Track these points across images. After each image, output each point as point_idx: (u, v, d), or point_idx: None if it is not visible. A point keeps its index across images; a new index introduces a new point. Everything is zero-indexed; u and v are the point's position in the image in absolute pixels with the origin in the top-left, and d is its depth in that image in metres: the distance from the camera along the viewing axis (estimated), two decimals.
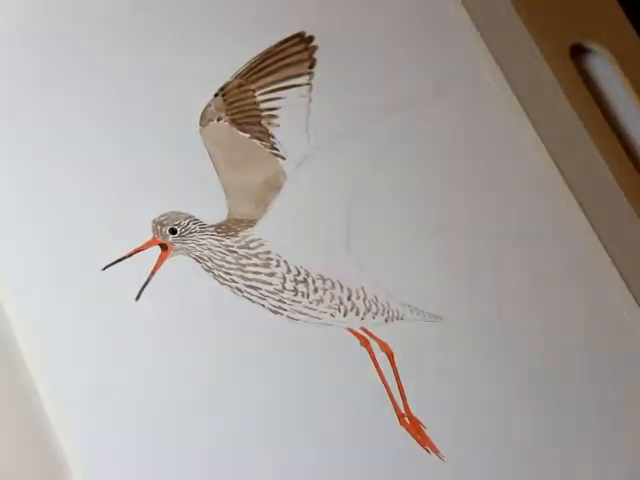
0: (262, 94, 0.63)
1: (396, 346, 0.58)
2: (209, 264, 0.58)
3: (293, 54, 0.64)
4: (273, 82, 0.64)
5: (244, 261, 0.59)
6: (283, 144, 0.62)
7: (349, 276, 0.59)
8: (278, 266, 0.59)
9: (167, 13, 0.64)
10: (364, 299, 0.59)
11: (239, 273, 0.58)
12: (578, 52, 0.70)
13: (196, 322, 0.57)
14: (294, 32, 0.65)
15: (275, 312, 0.58)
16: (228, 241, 0.59)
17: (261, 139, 0.62)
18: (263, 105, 0.63)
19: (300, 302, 0.59)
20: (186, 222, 0.59)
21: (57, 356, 0.55)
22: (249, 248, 0.59)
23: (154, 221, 0.59)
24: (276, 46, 0.64)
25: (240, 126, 0.62)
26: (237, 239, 0.59)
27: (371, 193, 0.61)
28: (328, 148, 0.61)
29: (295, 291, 0.59)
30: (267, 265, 0.59)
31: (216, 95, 0.63)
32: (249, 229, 0.60)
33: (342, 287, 0.59)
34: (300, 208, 0.57)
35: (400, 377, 0.58)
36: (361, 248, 0.60)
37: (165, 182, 0.60)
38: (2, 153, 0.59)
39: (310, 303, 0.59)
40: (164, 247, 0.58)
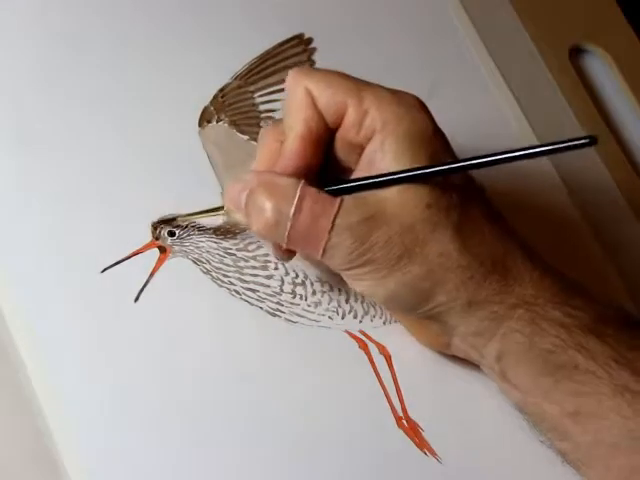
0: (261, 95, 0.64)
1: (394, 349, 0.59)
2: (207, 266, 0.58)
3: (292, 56, 0.64)
4: (272, 84, 0.64)
5: (242, 263, 0.59)
6: None
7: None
8: (276, 268, 0.59)
9: (167, 15, 0.64)
10: (362, 302, 0.59)
11: (237, 275, 0.58)
12: (577, 53, 0.70)
13: (194, 324, 0.57)
14: (293, 34, 0.65)
15: (273, 314, 0.58)
16: (226, 243, 0.59)
17: None
18: (262, 107, 0.63)
19: (298, 304, 0.59)
20: (185, 225, 0.59)
21: (56, 357, 0.55)
22: (247, 250, 0.59)
23: (153, 223, 0.59)
24: (275, 48, 0.64)
25: (239, 127, 0.63)
26: (235, 241, 0.59)
27: None
28: None
29: (293, 293, 0.59)
30: (265, 267, 0.59)
31: (215, 96, 0.63)
32: (247, 231, 0.60)
33: (340, 290, 0.59)
34: None
35: (398, 380, 0.58)
36: None
37: (164, 184, 0.60)
38: (3, 154, 0.59)
39: (308, 306, 0.59)
40: (163, 249, 0.58)
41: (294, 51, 0.65)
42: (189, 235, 0.59)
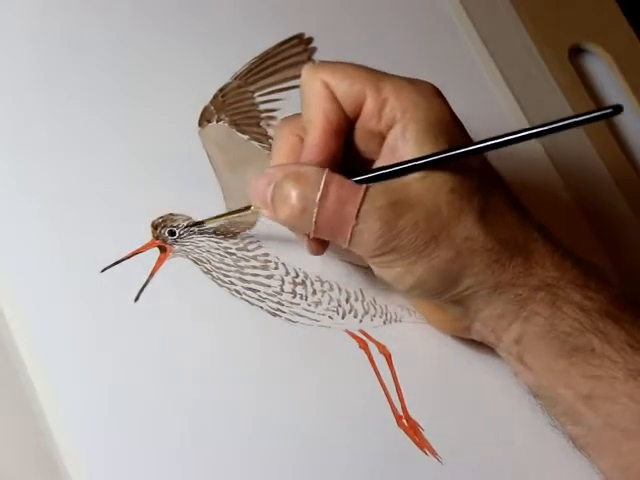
0: (261, 95, 0.64)
1: (394, 348, 0.59)
2: (208, 266, 0.58)
3: (292, 55, 0.64)
4: (272, 83, 0.64)
5: (243, 263, 0.59)
6: None
7: (348, 278, 0.60)
8: (276, 268, 0.59)
9: (167, 15, 0.64)
10: (362, 301, 0.59)
11: (238, 275, 0.58)
12: (577, 53, 0.70)
13: (195, 323, 0.57)
14: (293, 34, 0.65)
15: (274, 314, 0.58)
16: (227, 243, 0.59)
17: (260, 140, 0.62)
18: (262, 106, 0.63)
19: (298, 304, 0.59)
20: (185, 224, 0.59)
21: (56, 357, 0.55)
22: (247, 250, 0.59)
23: (153, 223, 0.59)
24: (275, 47, 0.64)
25: (239, 127, 0.63)
26: (235, 241, 0.59)
27: None
28: None
29: (293, 293, 0.59)
30: (265, 267, 0.59)
31: (215, 96, 0.63)
32: (247, 231, 0.60)
33: (340, 289, 0.59)
34: None
35: (398, 379, 0.58)
36: None
37: (164, 183, 0.60)
38: (3, 154, 0.59)
39: (308, 305, 0.59)
40: (163, 249, 0.58)
41: (294, 51, 0.65)
42: (189, 235, 0.59)
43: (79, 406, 0.55)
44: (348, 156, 0.54)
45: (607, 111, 0.48)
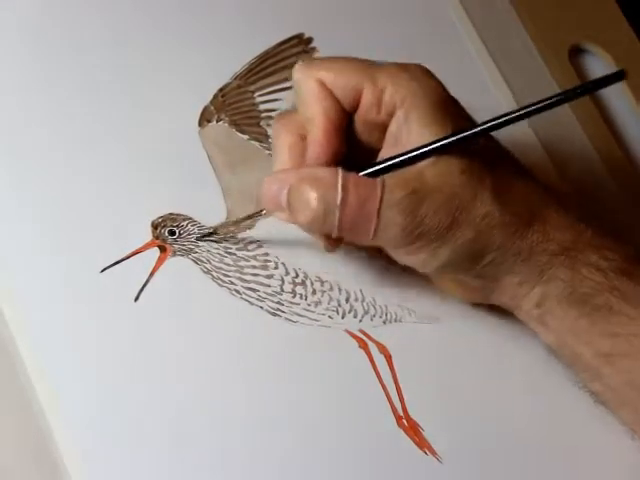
0: (261, 95, 0.64)
1: (394, 348, 0.59)
2: (208, 266, 0.58)
3: (292, 55, 0.64)
4: (272, 83, 0.64)
5: (242, 263, 0.59)
6: None
7: (347, 278, 0.60)
8: (276, 268, 0.59)
9: (167, 15, 0.64)
10: (362, 301, 0.59)
11: (238, 275, 0.58)
12: (577, 53, 0.70)
13: (195, 323, 0.57)
14: (293, 34, 0.65)
15: (274, 314, 0.58)
16: (226, 243, 0.59)
17: (260, 140, 0.62)
18: (262, 106, 0.63)
19: (298, 304, 0.59)
20: (185, 224, 0.59)
21: (56, 357, 0.55)
22: (247, 250, 0.59)
23: (153, 223, 0.59)
24: (275, 47, 0.64)
25: (239, 127, 0.63)
26: (235, 241, 0.59)
27: None
28: None
29: (293, 293, 0.59)
30: (265, 267, 0.59)
31: (215, 96, 0.63)
32: (247, 231, 0.60)
33: (340, 289, 0.59)
34: None
35: (398, 379, 0.58)
36: None
37: (164, 184, 0.60)
38: (3, 155, 0.59)
39: (308, 305, 0.59)
40: (163, 249, 0.58)
41: (294, 51, 0.65)
42: (189, 234, 0.59)
43: (79, 406, 0.55)
44: (350, 149, 0.55)
45: (610, 78, 0.50)
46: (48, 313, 0.56)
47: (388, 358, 0.58)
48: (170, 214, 0.59)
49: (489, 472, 0.57)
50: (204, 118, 0.62)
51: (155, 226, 0.59)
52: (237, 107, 0.63)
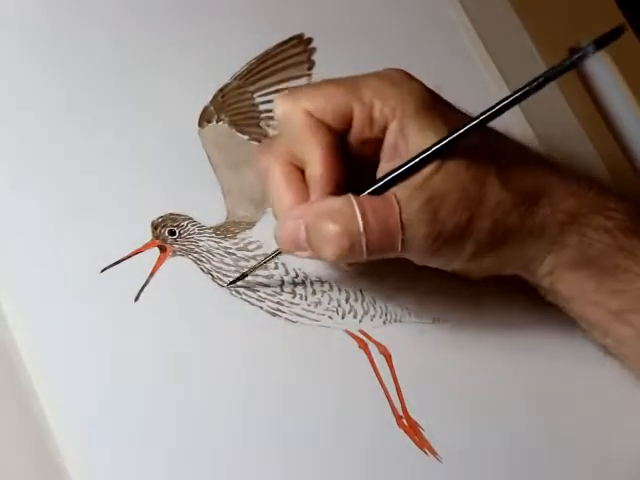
0: (261, 96, 0.64)
1: (394, 348, 0.59)
2: (208, 266, 0.58)
3: (292, 56, 0.64)
4: (272, 84, 0.64)
5: (243, 263, 0.59)
6: None
7: (347, 278, 0.60)
8: (276, 268, 0.59)
9: (167, 15, 0.64)
10: (362, 301, 0.59)
11: (238, 275, 0.58)
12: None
13: (195, 323, 0.57)
14: (293, 34, 0.65)
15: (273, 314, 0.58)
16: (227, 243, 0.59)
17: (259, 141, 0.62)
18: (262, 107, 0.63)
19: (298, 304, 0.59)
20: (185, 224, 0.59)
21: (56, 357, 0.55)
22: (247, 250, 0.59)
23: (153, 223, 0.59)
24: (275, 48, 0.64)
25: (239, 127, 0.63)
26: (235, 241, 0.59)
27: None
28: None
29: (293, 293, 0.59)
30: (265, 267, 0.59)
31: (215, 96, 0.63)
32: (247, 231, 0.60)
33: (340, 289, 0.59)
34: None
35: (398, 379, 0.58)
36: None
37: (164, 184, 0.60)
38: (3, 154, 0.59)
39: (308, 305, 0.59)
40: (163, 249, 0.58)
41: (294, 51, 0.65)
42: (189, 234, 0.59)
43: (79, 406, 0.55)
44: (348, 168, 0.55)
45: (605, 39, 0.50)
46: (48, 313, 0.56)
47: (388, 358, 0.58)
48: (170, 214, 0.59)
49: (489, 472, 0.57)
50: (204, 118, 0.62)
51: (155, 226, 0.59)
52: (237, 107, 0.63)
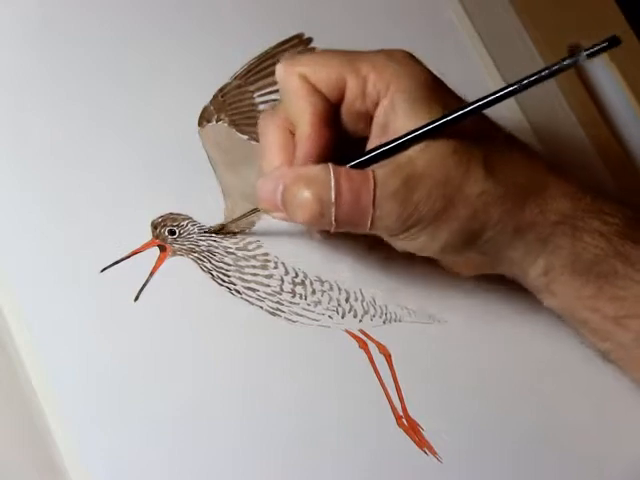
0: (261, 95, 0.64)
1: (394, 348, 0.59)
2: (208, 265, 0.58)
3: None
4: (272, 83, 0.64)
5: (242, 262, 0.59)
6: None
7: (347, 278, 0.60)
8: (276, 268, 0.59)
9: (167, 15, 0.64)
10: (362, 301, 0.59)
11: (237, 274, 0.58)
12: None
13: (195, 323, 0.57)
14: (293, 34, 0.65)
15: (273, 314, 0.58)
16: (226, 242, 0.59)
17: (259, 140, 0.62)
18: (262, 106, 0.63)
19: (298, 304, 0.59)
20: (185, 223, 0.59)
21: (56, 357, 0.55)
22: (247, 250, 0.59)
23: (153, 223, 0.59)
24: (275, 47, 0.64)
25: (239, 127, 0.63)
26: (235, 240, 0.59)
27: None
28: None
29: (293, 293, 0.59)
30: (265, 267, 0.59)
31: (215, 96, 0.63)
32: (247, 231, 0.60)
33: (340, 289, 0.59)
34: None
35: (398, 379, 0.58)
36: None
37: (164, 183, 0.60)
38: (3, 154, 0.59)
39: (308, 305, 0.59)
40: (163, 248, 0.58)
41: (294, 51, 0.65)
42: (189, 234, 0.59)
43: (79, 406, 0.55)
44: (338, 141, 0.55)
45: (602, 45, 0.51)
46: (48, 313, 0.56)
47: (388, 358, 0.58)
48: (170, 214, 0.59)
49: (489, 472, 0.57)
50: (204, 118, 0.62)
51: (155, 226, 0.59)
52: (237, 107, 0.63)
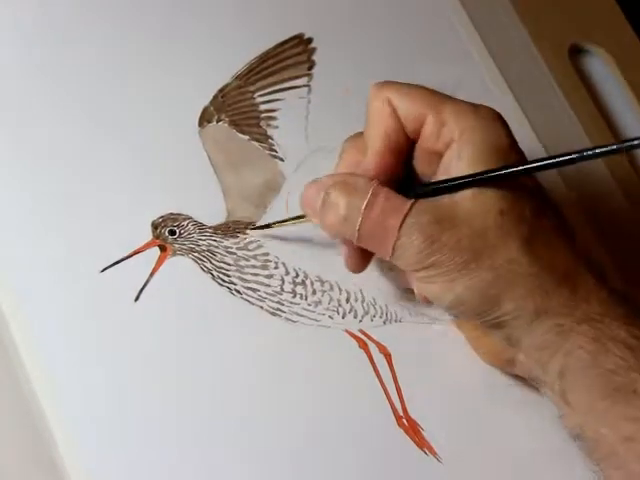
0: (261, 95, 0.64)
1: (394, 348, 0.59)
2: (208, 265, 0.58)
3: (292, 56, 0.64)
4: (272, 84, 0.64)
5: (243, 262, 0.59)
6: (282, 146, 0.62)
7: (347, 278, 0.60)
8: (276, 268, 0.59)
9: (167, 15, 0.64)
10: (362, 301, 0.59)
11: (238, 274, 0.59)
12: (576, 53, 0.70)
13: (195, 323, 0.57)
14: (293, 34, 0.65)
15: (274, 314, 0.58)
16: (227, 242, 0.59)
17: (260, 141, 0.62)
18: (262, 107, 0.63)
19: (298, 304, 0.59)
20: (185, 223, 0.59)
21: (56, 357, 0.55)
22: (248, 250, 0.59)
23: (153, 222, 0.59)
24: (275, 48, 0.64)
25: (239, 127, 0.63)
26: (236, 240, 0.59)
27: None
28: (327, 149, 0.61)
29: (293, 293, 0.59)
30: (265, 267, 0.59)
31: (215, 96, 0.63)
32: (247, 230, 0.60)
33: (340, 289, 0.59)
34: (299, 210, 0.57)
35: (398, 379, 0.58)
36: None
37: (164, 183, 0.60)
38: (3, 154, 0.59)
39: (308, 305, 0.59)
40: (163, 248, 0.58)
41: (294, 51, 0.65)
42: (189, 234, 0.59)
43: (79, 406, 0.55)
44: (409, 177, 0.55)
45: None
46: (48, 313, 0.56)
47: (388, 358, 0.58)
48: (170, 214, 0.59)
49: (489, 472, 0.57)
50: (204, 118, 0.62)
51: (155, 226, 0.59)
52: (237, 107, 0.63)
